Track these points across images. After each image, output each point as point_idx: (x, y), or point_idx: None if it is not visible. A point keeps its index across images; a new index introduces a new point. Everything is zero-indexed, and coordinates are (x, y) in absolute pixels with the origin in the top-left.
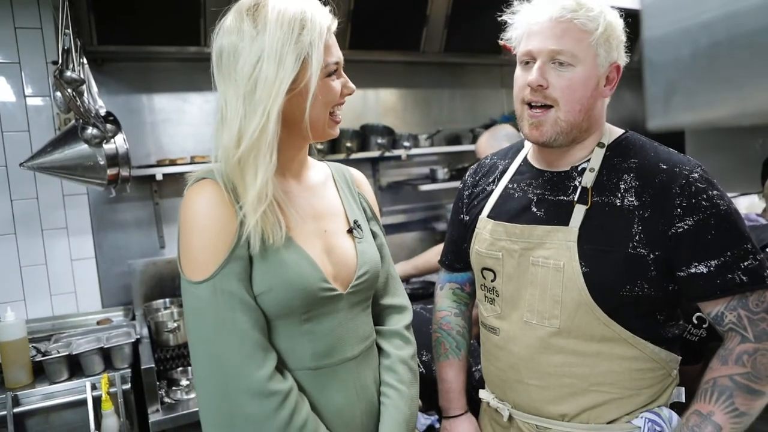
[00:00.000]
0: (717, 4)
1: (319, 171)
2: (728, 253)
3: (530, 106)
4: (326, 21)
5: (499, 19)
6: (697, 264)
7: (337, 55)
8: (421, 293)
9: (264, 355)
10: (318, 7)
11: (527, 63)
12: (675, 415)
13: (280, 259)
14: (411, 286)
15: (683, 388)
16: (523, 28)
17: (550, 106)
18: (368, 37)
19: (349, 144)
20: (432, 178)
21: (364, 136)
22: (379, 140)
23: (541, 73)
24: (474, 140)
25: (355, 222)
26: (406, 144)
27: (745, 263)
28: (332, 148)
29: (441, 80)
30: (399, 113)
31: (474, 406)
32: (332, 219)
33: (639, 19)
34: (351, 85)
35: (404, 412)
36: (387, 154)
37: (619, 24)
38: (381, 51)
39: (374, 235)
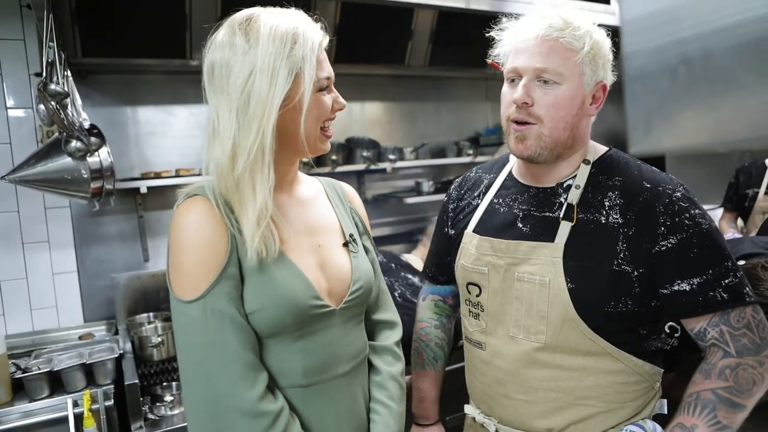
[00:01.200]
0: (689, 24)
1: (310, 186)
2: (710, 271)
3: (515, 122)
4: (318, 36)
5: (487, 35)
6: (680, 282)
7: (329, 70)
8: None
9: (255, 375)
10: (309, 23)
11: (513, 80)
12: (659, 427)
13: (272, 277)
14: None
15: (665, 401)
16: (511, 45)
17: (534, 123)
18: (354, 51)
19: (334, 157)
20: (417, 190)
21: (349, 149)
22: (365, 153)
23: (526, 91)
24: (459, 153)
25: (351, 236)
26: (392, 157)
27: (726, 281)
28: (318, 161)
29: (426, 93)
30: (384, 126)
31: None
32: (327, 233)
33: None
34: (342, 100)
35: (393, 429)
36: (372, 167)
37: (605, 43)
38: (366, 64)
39: (366, 250)
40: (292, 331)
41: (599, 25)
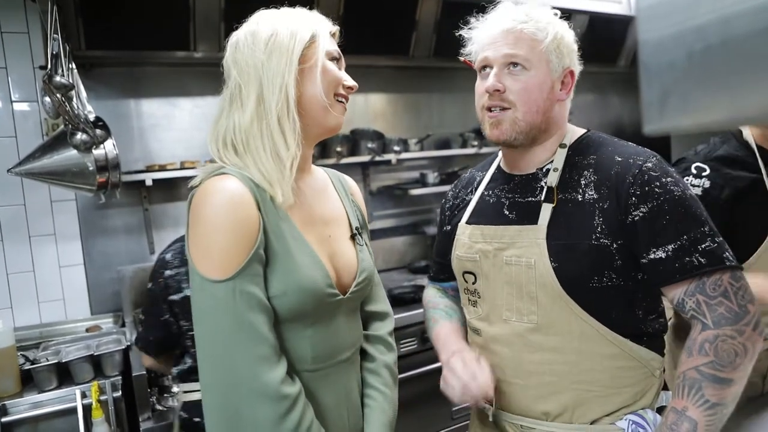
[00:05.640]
0: (709, 8)
1: (319, 176)
2: (684, 237)
3: (489, 110)
4: (329, 22)
5: (457, 34)
6: (655, 249)
7: (338, 50)
8: (412, 297)
9: (278, 359)
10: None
11: (484, 69)
12: (659, 417)
13: (296, 263)
14: (402, 289)
15: (670, 392)
16: (479, 42)
17: (508, 108)
18: (358, 42)
19: (339, 148)
20: (422, 182)
21: (354, 140)
22: (369, 145)
23: (497, 78)
24: (464, 144)
25: (357, 229)
26: (396, 148)
27: (703, 245)
28: (322, 152)
29: (430, 85)
30: (389, 118)
31: None
32: (336, 224)
33: (627, 25)
34: (352, 81)
35: (389, 414)
36: (377, 158)
37: (568, 34)
38: (370, 56)
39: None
40: (307, 318)
41: (595, 13)
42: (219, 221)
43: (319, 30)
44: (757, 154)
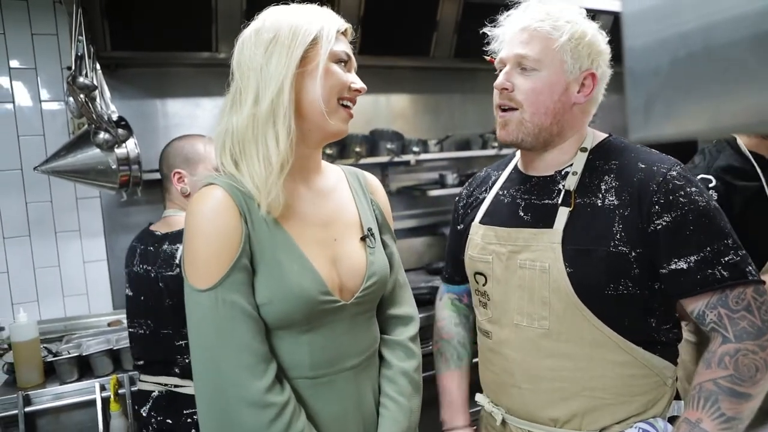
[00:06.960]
0: (693, 16)
1: (330, 175)
2: (707, 249)
3: (501, 109)
4: (340, 20)
5: (480, 32)
6: (677, 260)
7: (347, 49)
8: (429, 298)
9: (264, 367)
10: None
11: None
12: (670, 427)
13: (283, 271)
14: (420, 290)
15: (683, 402)
16: (499, 39)
17: (516, 109)
18: (378, 43)
19: (358, 149)
20: (441, 183)
21: (373, 141)
22: (389, 145)
23: (507, 77)
24: (484, 145)
25: (369, 230)
26: (416, 149)
27: (726, 258)
28: (341, 153)
29: (451, 85)
30: (409, 118)
31: None
32: (344, 226)
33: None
34: (360, 84)
35: (402, 425)
36: (396, 159)
37: (592, 35)
38: (391, 56)
39: (384, 244)
40: (300, 325)
41: (606, 12)
42: (200, 231)
43: (325, 30)
44: (754, 162)
